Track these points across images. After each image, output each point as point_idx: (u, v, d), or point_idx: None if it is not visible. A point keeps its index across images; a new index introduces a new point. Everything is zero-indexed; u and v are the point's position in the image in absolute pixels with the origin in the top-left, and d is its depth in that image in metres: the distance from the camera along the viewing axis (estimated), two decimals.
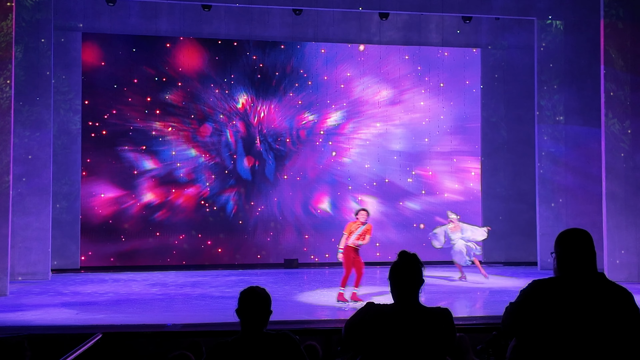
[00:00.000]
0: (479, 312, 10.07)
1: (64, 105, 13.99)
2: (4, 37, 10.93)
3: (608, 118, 12.26)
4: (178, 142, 14.83)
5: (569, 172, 14.13)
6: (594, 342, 2.91)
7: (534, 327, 2.98)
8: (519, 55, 15.52)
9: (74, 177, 14.10)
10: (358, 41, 15.38)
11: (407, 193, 15.65)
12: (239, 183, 15.07)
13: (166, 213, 14.66)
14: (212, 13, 14.24)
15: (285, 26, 14.97)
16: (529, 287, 3.08)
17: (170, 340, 7.13)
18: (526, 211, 15.20)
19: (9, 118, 10.95)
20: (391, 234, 15.45)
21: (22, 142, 12.53)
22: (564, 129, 14.15)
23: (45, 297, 10.69)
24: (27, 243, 12.57)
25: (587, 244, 3.10)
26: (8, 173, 10.93)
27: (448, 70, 15.76)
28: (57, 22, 13.48)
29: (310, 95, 15.35)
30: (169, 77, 14.78)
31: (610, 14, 12.28)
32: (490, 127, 15.70)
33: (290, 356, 3.22)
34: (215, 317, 8.76)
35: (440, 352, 3.12)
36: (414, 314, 3.12)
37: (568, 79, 14.09)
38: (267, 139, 15.22)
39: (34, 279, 12.41)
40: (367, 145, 15.55)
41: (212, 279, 12.84)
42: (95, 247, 14.35)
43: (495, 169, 15.68)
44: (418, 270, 3.18)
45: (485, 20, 15.36)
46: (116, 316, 9.10)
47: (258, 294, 3.28)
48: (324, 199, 15.38)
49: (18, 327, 7.90)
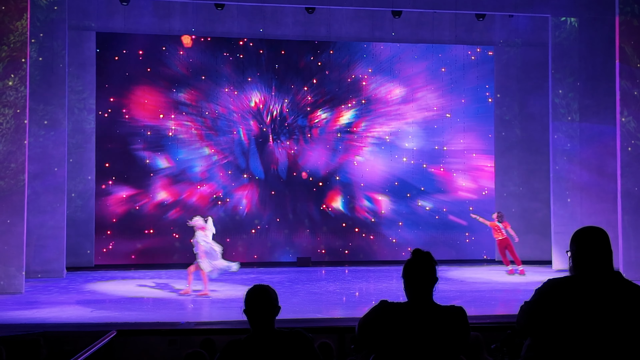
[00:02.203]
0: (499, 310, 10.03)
1: (78, 104, 14.08)
2: (19, 37, 11.02)
3: (623, 116, 12.16)
4: (191, 140, 14.88)
5: (584, 170, 14.02)
6: (609, 342, 2.89)
7: (549, 326, 2.96)
8: (532, 53, 15.41)
9: (88, 176, 14.19)
10: (371, 39, 15.35)
11: (420, 191, 15.61)
12: (252, 181, 15.10)
13: (180, 211, 14.72)
14: (224, 12, 14.27)
15: (297, 25, 14.97)
16: (544, 286, 3.06)
17: (184, 338, 7.16)
18: (540, 209, 15.11)
19: (24, 117, 11.05)
20: (404, 232, 15.42)
21: (37, 141, 12.63)
22: (578, 127, 14.04)
23: (60, 295, 10.77)
24: (42, 241, 12.66)
25: (604, 243, 3.07)
26: (23, 172, 11.02)
27: (461, 68, 15.70)
28: (71, 22, 13.56)
29: (323, 93, 15.35)
30: (182, 76, 14.84)
31: (626, 11, 12.18)
32: (503, 125, 15.61)
33: (304, 354, 3.22)
34: (228, 315, 8.79)
35: (454, 350, 3.10)
36: (428, 312, 3.10)
37: (583, 77, 13.98)
38: (280, 137, 15.24)
39: (49, 277, 12.51)
40: (380, 143, 15.52)
41: (225, 277, 12.86)
42: (110, 246, 14.44)
43: (509, 167, 15.59)
44: (432, 269, 3.16)
45: (499, 17, 15.27)
46: (130, 314, 9.15)
47: (263, 291, 3.28)
48: (336, 198, 15.37)
49: (33, 325, 7.97)
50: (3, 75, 10.98)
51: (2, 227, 10.89)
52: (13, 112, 10.98)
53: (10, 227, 10.94)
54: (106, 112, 14.47)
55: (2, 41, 10.97)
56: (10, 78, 10.99)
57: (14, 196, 10.95)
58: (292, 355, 3.20)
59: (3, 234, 10.91)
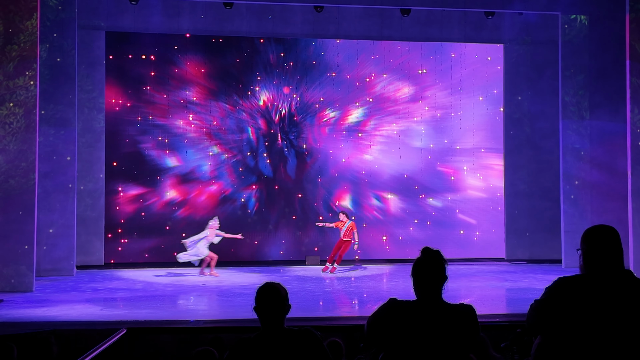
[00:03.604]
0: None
1: (88, 103, 14.14)
2: (29, 37, 11.08)
3: (634, 114, 12.07)
4: (200, 139, 14.92)
5: (594, 168, 13.95)
6: (620, 340, 2.87)
7: (559, 324, 2.95)
8: (542, 51, 15.34)
9: (98, 175, 14.26)
10: (379, 38, 15.32)
11: (429, 190, 15.58)
12: (260, 180, 15.12)
13: (189, 210, 14.76)
14: (233, 11, 14.30)
15: (306, 23, 14.97)
16: (554, 285, 3.04)
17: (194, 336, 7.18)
18: (550, 208, 15.04)
19: (34, 116, 11.11)
20: (413, 230, 15.39)
21: (47, 140, 12.69)
22: (589, 125, 13.96)
23: (71, 293, 10.82)
24: (52, 240, 12.73)
25: (614, 241, 3.05)
26: (33, 171, 11.09)
27: (470, 66, 15.65)
28: (81, 21, 13.62)
29: (331, 92, 15.34)
30: (191, 75, 14.88)
31: (636, 8, 12.09)
32: (513, 124, 15.55)
33: (313, 352, 3.22)
34: (237, 314, 8.81)
35: (463, 348, 3.10)
36: (437, 311, 3.10)
37: (593, 74, 13.91)
38: (289, 136, 15.25)
39: (59, 275, 12.57)
40: (389, 142, 15.49)
41: (235, 276, 12.90)
42: (119, 244, 14.50)
43: (519, 166, 15.52)
44: (441, 267, 3.16)
45: (508, 15, 15.20)
46: (140, 312, 9.19)
47: (274, 289, 3.28)
48: (345, 196, 15.37)
49: (44, 323, 8.01)
50: (13, 75, 11.04)
51: (12, 226, 10.95)
52: (23, 111, 11.04)
53: (20, 226, 11.00)
54: (116, 111, 14.53)
55: (12, 41, 11.04)
56: (20, 77, 11.05)
57: (24, 195, 11.01)
58: (301, 353, 3.20)
59: (14, 233, 10.97)
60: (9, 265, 10.90)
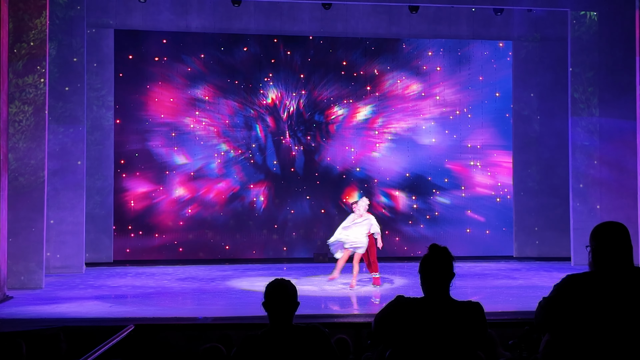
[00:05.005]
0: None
1: (97, 101, 14.20)
2: (38, 34, 11.13)
3: None
4: (208, 137, 14.95)
5: (604, 165, 13.87)
6: (629, 338, 2.86)
7: (568, 322, 2.93)
8: (551, 47, 15.26)
9: (107, 173, 14.31)
10: (388, 35, 15.28)
11: (437, 187, 15.54)
12: (269, 178, 15.13)
13: (197, 207, 14.80)
14: (241, 8, 14.33)
15: (314, 21, 14.97)
16: (563, 282, 3.03)
17: (201, 333, 7.20)
18: (559, 206, 14.97)
19: (43, 114, 11.16)
20: (421, 228, 15.37)
21: (56, 138, 12.74)
22: (598, 122, 13.88)
23: (80, 290, 10.87)
24: (61, 237, 12.79)
25: (624, 238, 3.04)
26: (43, 168, 11.14)
27: (479, 63, 15.59)
28: (89, 19, 13.66)
29: (339, 89, 15.33)
30: (199, 73, 14.90)
31: None
32: (522, 121, 15.48)
33: (321, 349, 3.22)
34: (245, 311, 8.82)
35: (471, 346, 3.09)
36: (445, 308, 3.09)
37: (602, 71, 13.82)
38: (297, 133, 15.25)
39: (68, 273, 12.63)
40: (397, 139, 15.47)
41: (243, 273, 12.92)
42: (128, 241, 14.56)
43: (527, 163, 15.46)
44: (449, 264, 3.16)
45: (517, 12, 15.14)
46: (148, 309, 9.22)
47: (284, 286, 3.29)
48: (353, 194, 15.35)
49: (53, 319, 8.05)
50: (23, 73, 11.09)
51: (22, 224, 11.01)
52: (33, 109, 11.09)
53: (30, 224, 11.06)
54: (124, 109, 14.58)
55: (21, 39, 11.09)
56: (30, 75, 11.10)
57: (33, 192, 11.06)
58: (308, 350, 3.20)
59: (23, 230, 11.03)
60: (19, 263, 10.96)
